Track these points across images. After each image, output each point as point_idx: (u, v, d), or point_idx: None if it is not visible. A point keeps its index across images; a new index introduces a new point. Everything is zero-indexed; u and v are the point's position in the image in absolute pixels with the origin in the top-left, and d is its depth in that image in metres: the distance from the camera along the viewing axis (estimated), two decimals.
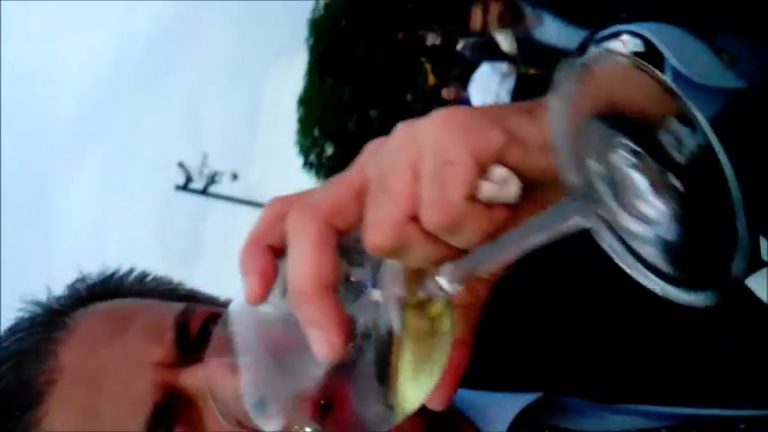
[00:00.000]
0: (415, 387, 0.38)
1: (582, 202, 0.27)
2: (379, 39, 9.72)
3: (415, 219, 0.34)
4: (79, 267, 0.63)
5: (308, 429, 0.40)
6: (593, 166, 0.28)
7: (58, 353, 0.54)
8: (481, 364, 0.62)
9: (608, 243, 0.27)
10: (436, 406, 0.38)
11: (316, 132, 8.80)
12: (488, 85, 2.97)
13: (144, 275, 0.64)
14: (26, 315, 0.58)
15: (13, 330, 0.58)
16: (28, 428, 0.52)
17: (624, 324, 0.53)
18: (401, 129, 0.36)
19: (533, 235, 0.31)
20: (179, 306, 0.56)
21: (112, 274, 0.63)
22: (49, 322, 0.57)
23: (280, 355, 0.39)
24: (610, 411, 0.52)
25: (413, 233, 0.34)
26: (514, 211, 0.34)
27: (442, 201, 0.33)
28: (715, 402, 0.48)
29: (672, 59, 0.41)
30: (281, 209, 0.37)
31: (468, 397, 0.56)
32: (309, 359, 0.37)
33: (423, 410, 0.50)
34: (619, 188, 0.28)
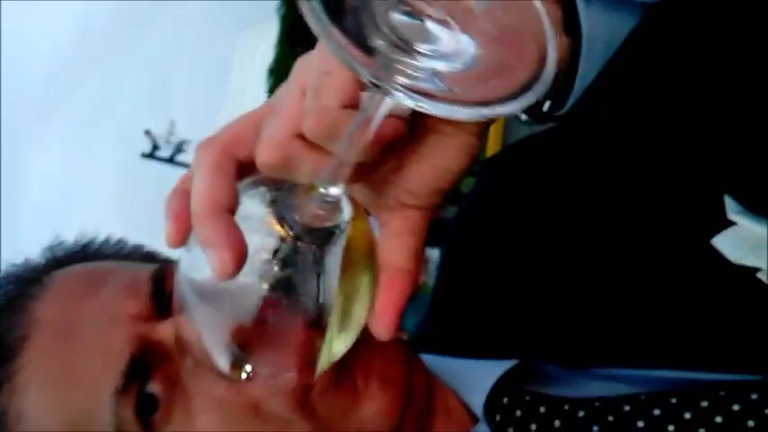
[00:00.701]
0: (343, 325, 0.39)
1: (380, 82, 0.27)
2: None
3: (301, 136, 0.37)
4: (42, 235, 0.62)
5: (248, 367, 0.41)
6: (377, 44, 0.28)
7: (32, 308, 0.53)
8: (458, 332, 0.62)
9: (416, 103, 0.27)
10: (380, 335, 0.38)
11: None
12: None
13: (122, 243, 0.64)
14: (3, 275, 0.58)
15: None
16: (2, 382, 0.51)
17: (599, 286, 0.53)
18: (299, 59, 0.39)
19: (362, 114, 0.32)
20: (155, 265, 0.55)
21: (91, 241, 0.62)
22: (23, 280, 0.56)
23: (218, 298, 0.40)
24: (589, 377, 0.52)
25: (297, 147, 0.35)
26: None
27: (317, 108, 0.34)
28: (696, 366, 0.48)
29: None
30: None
31: (447, 365, 0.56)
32: (238, 298, 0.38)
33: (400, 380, 0.50)
34: (411, 43, 0.28)
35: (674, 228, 0.50)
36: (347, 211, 0.39)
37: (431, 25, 0.29)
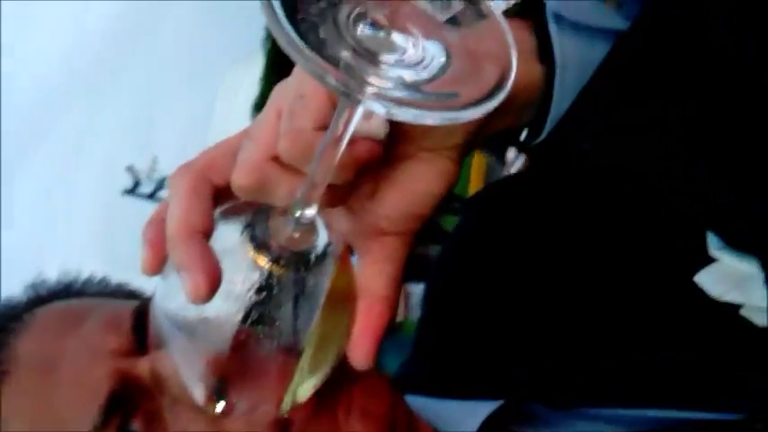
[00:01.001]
0: (314, 365, 0.38)
1: (348, 91, 0.27)
2: None
3: (276, 159, 0.35)
4: (21, 272, 0.61)
5: (223, 401, 0.41)
6: (343, 55, 0.28)
7: (12, 344, 0.52)
8: (443, 372, 0.62)
9: (386, 110, 0.27)
10: (358, 364, 0.37)
11: None
12: None
13: (105, 281, 0.63)
14: None
15: None
16: None
17: (584, 326, 0.53)
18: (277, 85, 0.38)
19: (332, 131, 0.32)
20: (136, 302, 0.55)
21: (74, 279, 0.61)
22: (4, 316, 0.55)
23: (193, 329, 0.39)
24: (575, 417, 0.52)
25: (272, 170, 0.35)
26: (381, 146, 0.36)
27: (292, 129, 0.34)
28: (681, 405, 0.48)
29: (550, 2, 0.42)
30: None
31: (432, 405, 0.55)
32: (213, 327, 0.37)
33: (381, 415, 0.49)
34: (377, 54, 0.28)
35: (658, 265, 0.50)
36: (323, 236, 0.38)
37: (395, 36, 0.29)
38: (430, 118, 0.26)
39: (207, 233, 0.36)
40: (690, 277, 0.46)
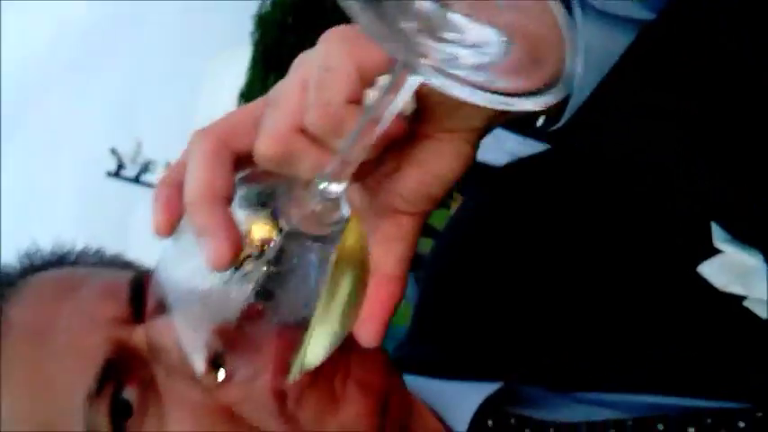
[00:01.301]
0: (325, 327, 0.37)
1: (407, 59, 0.27)
2: None
3: (302, 130, 0.34)
4: (5, 253, 0.60)
5: (221, 371, 0.40)
6: (405, 26, 0.27)
7: (5, 311, 0.51)
8: (441, 354, 0.61)
9: (441, 83, 0.26)
10: (365, 342, 0.37)
11: None
12: None
13: (101, 252, 0.62)
14: None
15: None
16: None
17: (585, 310, 0.53)
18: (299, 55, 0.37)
19: (378, 107, 0.31)
20: (133, 272, 0.54)
21: (69, 250, 0.60)
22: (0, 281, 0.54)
23: (200, 296, 0.38)
24: (574, 401, 0.52)
25: (299, 141, 0.35)
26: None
27: (321, 102, 0.33)
28: (683, 392, 0.48)
29: None
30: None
31: (429, 386, 0.55)
32: (223, 297, 0.37)
33: (378, 387, 0.49)
34: (437, 31, 0.28)
35: (662, 254, 0.50)
36: (345, 211, 0.37)
37: (456, 16, 0.29)
38: (483, 98, 0.26)
39: (229, 199, 0.35)
40: (694, 267, 0.46)
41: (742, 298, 0.46)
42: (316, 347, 0.39)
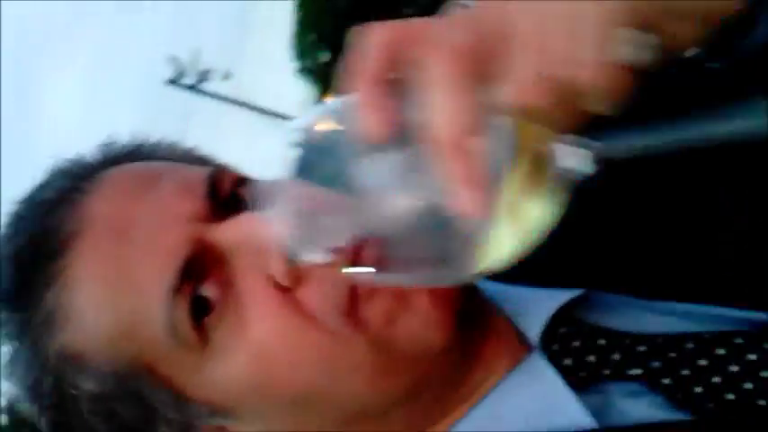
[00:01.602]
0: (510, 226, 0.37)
1: None
2: None
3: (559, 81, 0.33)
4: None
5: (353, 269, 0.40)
6: None
7: (85, 204, 0.52)
8: (521, 260, 0.61)
9: None
10: None
11: (312, 37, 8.62)
12: None
13: (175, 144, 0.61)
14: (56, 170, 0.56)
15: (41, 183, 0.55)
16: (53, 277, 0.50)
17: (668, 221, 0.52)
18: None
19: (710, 127, 0.30)
20: (210, 167, 0.54)
21: (143, 142, 0.60)
22: (76, 175, 0.54)
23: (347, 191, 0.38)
24: (652, 311, 0.51)
25: (558, 94, 0.33)
26: None
27: (606, 63, 0.32)
28: (761, 307, 0.47)
29: None
30: (394, 40, 0.35)
31: (504, 290, 0.54)
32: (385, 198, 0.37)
33: (451, 306, 0.49)
34: None
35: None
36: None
37: None
38: None
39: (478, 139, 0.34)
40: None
41: None
42: (503, 247, 0.39)
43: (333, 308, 0.48)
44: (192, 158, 0.60)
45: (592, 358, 0.51)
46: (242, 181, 0.53)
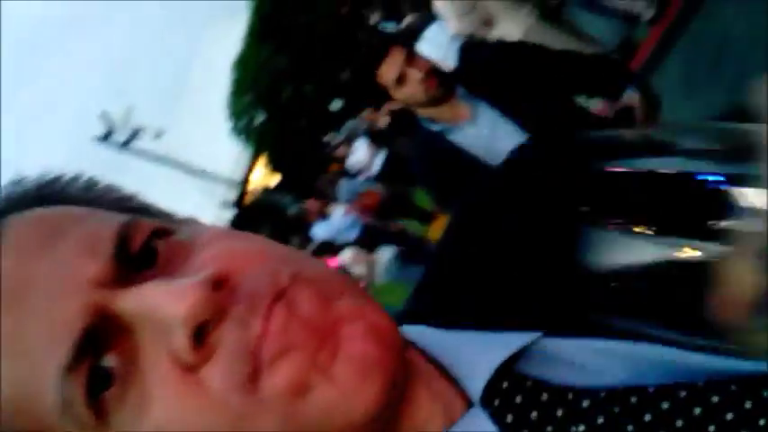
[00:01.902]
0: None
1: None
2: (322, 11, 9.67)
3: None
4: None
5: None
6: None
7: None
8: (457, 305, 0.59)
9: None
10: None
11: (249, 98, 8.66)
12: (440, 41, 3.00)
13: (92, 183, 0.57)
14: None
15: None
16: None
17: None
18: None
19: None
20: (124, 217, 0.49)
21: (55, 179, 0.55)
22: None
23: None
24: (595, 353, 0.50)
25: None
26: None
27: None
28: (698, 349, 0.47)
29: None
30: None
31: (444, 339, 0.52)
32: None
33: (391, 357, 0.46)
34: None
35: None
36: None
37: None
38: None
39: None
40: None
41: None
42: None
43: (234, 386, 0.44)
44: (108, 201, 0.56)
45: (534, 415, 0.49)
46: (159, 232, 0.49)
